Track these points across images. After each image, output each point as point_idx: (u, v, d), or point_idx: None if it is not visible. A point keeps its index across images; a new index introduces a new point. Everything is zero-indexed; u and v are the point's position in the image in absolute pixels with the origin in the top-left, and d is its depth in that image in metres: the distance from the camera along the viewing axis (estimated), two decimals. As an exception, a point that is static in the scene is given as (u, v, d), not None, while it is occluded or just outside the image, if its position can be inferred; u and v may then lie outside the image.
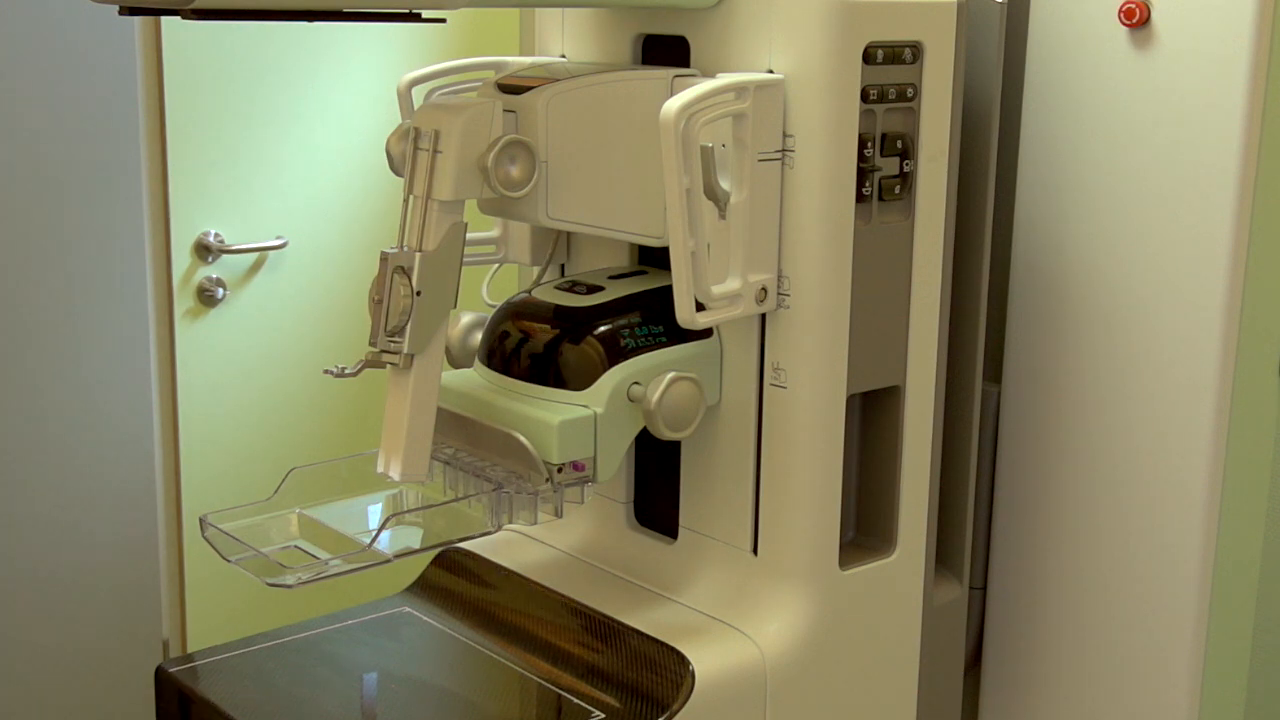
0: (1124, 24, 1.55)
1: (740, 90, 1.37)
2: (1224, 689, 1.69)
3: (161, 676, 1.52)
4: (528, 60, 1.58)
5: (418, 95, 1.53)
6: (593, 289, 1.50)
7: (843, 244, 1.43)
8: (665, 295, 1.38)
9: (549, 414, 1.39)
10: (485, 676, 1.52)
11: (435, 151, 1.33)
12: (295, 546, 1.50)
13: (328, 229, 2.59)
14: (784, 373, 1.46)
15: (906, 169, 1.47)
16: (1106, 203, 1.61)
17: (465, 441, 1.47)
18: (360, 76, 2.56)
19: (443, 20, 1.27)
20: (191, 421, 2.48)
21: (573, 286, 1.51)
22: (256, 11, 1.23)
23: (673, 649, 1.43)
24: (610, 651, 1.48)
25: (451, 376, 1.50)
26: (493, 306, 1.55)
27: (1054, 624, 1.75)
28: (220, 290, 2.50)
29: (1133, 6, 1.54)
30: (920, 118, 1.47)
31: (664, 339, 1.47)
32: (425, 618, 1.62)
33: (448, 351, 1.55)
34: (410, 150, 1.34)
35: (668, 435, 1.43)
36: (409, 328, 1.33)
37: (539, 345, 1.46)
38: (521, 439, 1.39)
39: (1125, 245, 1.61)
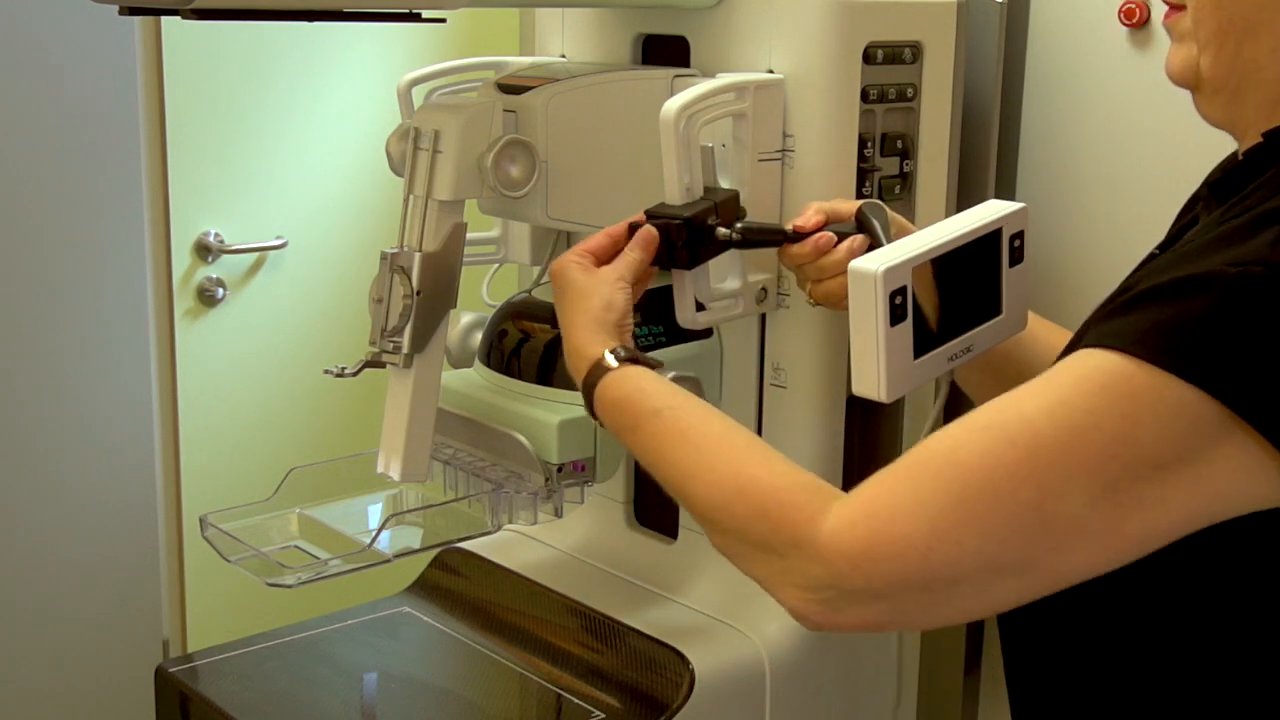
0: (1124, 24, 1.55)
1: (740, 90, 1.37)
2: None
3: (161, 676, 1.52)
4: (528, 60, 1.58)
5: (418, 95, 1.53)
6: (593, 289, 1.50)
7: (843, 244, 1.42)
8: (665, 295, 1.38)
9: (549, 414, 1.39)
10: (485, 676, 1.52)
11: (435, 151, 1.33)
12: (295, 546, 1.50)
13: (328, 229, 2.59)
14: (784, 373, 1.46)
15: (906, 169, 1.47)
16: (1106, 203, 1.61)
17: (465, 441, 1.47)
18: (360, 76, 2.57)
19: (443, 20, 1.27)
20: (191, 421, 2.48)
21: (573, 286, 1.51)
22: (256, 11, 1.23)
23: (673, 649, 1.43)
24: (610, 651, 1.48)
25: (451, 376, 1.50)
26: (493, 306, 1.55)
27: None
28: (220, 290, 2.50)
29: (1133, 6, 1.54)
30: (920, 118, 1.47)
31: (664, 339, 1.46)
32: (425, 618, 1.62)
33: (448, 351, 1.55)
34: (410, 150, 1.34)
35: (668, 435, 1.43)
36: (409, 328, 1.33)
37: (539, 345, 1.46)
38: (521, 439, 1.39)
39: (1125, 245, 1.60)
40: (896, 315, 1.13)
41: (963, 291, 1.21)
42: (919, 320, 1.15)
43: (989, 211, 1.23)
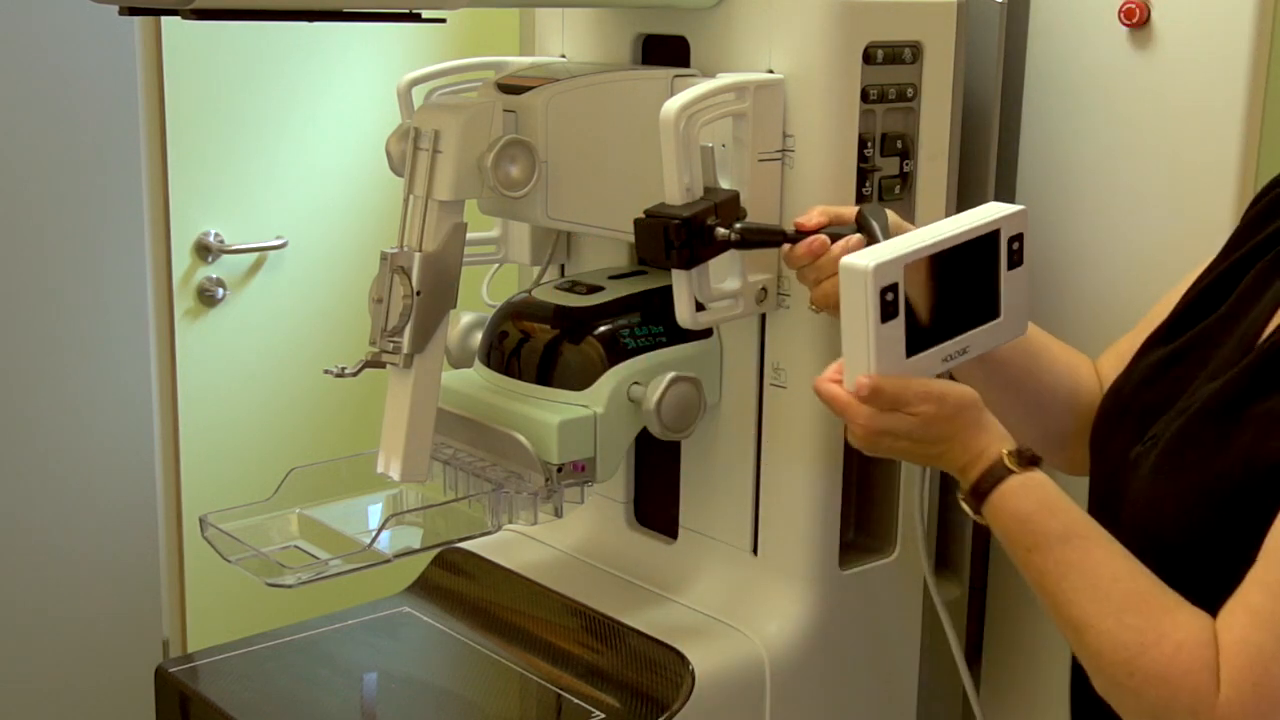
0: (1124, 24, 1.55)
1: (740, 90, 1.37)
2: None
3: (161, 676, 1.52)
4: (528, 60, 1.58)
5: (418, 95, 1.53)
6: (593, 289, 1.50)
7: (843, 244, 1.42)
8: (665, 295, 1.38)
9: (549, 414, 1.40)
10: (485, 676, 1.52)
11: (435, 151, 1.33)
12: (295, 546, 1.50)
13: (328, 229, 2.59)
14: (784, 373, 1.46)
15: (906, 169, 1.47)
16: (1106, 203, 1.61)
17: (465, 441, 1.47)
18: (360, 76, 2.56)
19: (443, 20, 1.27)
20: (191, 422, 2.48)
21: (573, 286, 1.51)
22: (256, 11, 1.23)
23: (673, 649, 1.43)
24: (610, 651, 1.48)
25: (451, 376, 1.50)
26: (493, 306, 1.55)
27: (1054, 624, 1.74)
28: (220, 290, 2.50)
29: (1133, 6, 1.54)
30: (920, 118, 1.47)
31: (664, 339, 1.47)
32: (425, 618, 1.62)
33: (448, 351, 1.55)
34: (410, 150, 1.34)
35: (667, 436, 1.43)
36: (409, 328, 1.33)
37: (539, 345, 1.46)
38: (521, 439, 1.39)
39: (1125, 245, 1.60)
40: (887, 312, 1.13)
41: (959, 292, 1.21)
42: (912, 319, 1.15)
43: (987, 213, 1.23)
